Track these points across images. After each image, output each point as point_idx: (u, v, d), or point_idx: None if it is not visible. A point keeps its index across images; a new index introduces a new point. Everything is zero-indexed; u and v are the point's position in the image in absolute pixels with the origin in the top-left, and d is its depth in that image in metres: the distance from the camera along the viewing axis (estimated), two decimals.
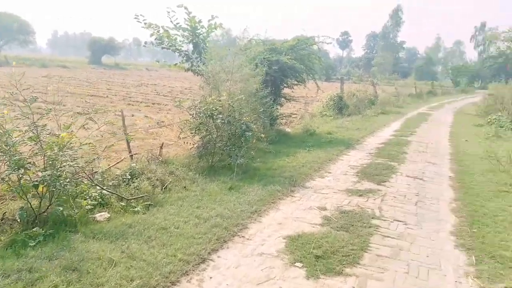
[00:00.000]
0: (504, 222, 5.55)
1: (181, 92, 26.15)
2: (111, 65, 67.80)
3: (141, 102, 19.73)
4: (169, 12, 9.98)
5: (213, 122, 7.45)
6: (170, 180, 6.40)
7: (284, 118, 12.83)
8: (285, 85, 12.28)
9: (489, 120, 17.91)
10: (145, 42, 10.75)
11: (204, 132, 7.69)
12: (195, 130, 7.63)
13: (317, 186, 6.91)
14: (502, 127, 16.76)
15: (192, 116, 7.61)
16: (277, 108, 12.18)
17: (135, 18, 10.12)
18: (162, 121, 13.92)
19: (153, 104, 19.15)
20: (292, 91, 12.97)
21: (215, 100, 7.54)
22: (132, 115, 15.38)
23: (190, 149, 7.84)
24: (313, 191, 6.62)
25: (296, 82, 12.34)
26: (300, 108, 18.04)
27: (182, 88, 28.85)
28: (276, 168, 7.78)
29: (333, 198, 6.28)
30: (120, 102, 19.45)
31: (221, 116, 7.35)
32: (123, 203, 5.44)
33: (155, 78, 42.71)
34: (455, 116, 21.39)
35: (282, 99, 12.46)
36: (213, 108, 7.36)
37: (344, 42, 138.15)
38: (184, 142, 7.84)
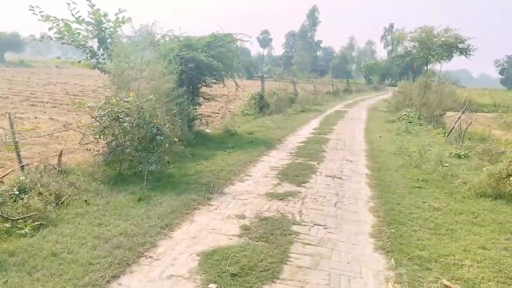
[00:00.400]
0: (418, 219, 5.61)
1: (93, 91, 24.40)
2: (16, 63, 61.95)
3: (47, 103, 17.98)
4: (69, 4, 8.97)
5: (120, 125, 6.73)
6: (68, 193, 5.60)
7: (204, 118, 12.31)
8: (203, 83, 11.78)
9: (399, 116, 18.97)
10: (41, 37, 9.58)
11: (111, 137, 6.94)
12: (99, 135, 6.84)
13: (236, 191, 6.52)
14: (411, 122, 17.83)
15: (96, 120, 6.81)
16: (195, 108, 11.66)
17: (30, 9, 8.96)
18: (70, 124, 12.70)
19: (60, 104, 17.53)
20: (211, 90, 12.50)
21: (121, 101, 6.82)
22: (35, 117, 13.88)
23: (95, 156, 7.03)
24: (232, 197, 6.22)
25: (214, 81, 11.88)
26: (222, 107, 17.61)
27: (96, 87, 26.96)
28: (192, 174, 7.26)
29: (253, 204, 5.94)
30: (23, 103, 17.55)
31: (128, 118, 6.67)
32: (7, 225, 4.60)
33: (66, 76, 39.61)
34: (369, 113, 22.43)
35: (201, 98, 11.94)
36: (119, 110, 6.64)
37: (265, 40, 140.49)
38: (87, 149, 7.01)
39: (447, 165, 9.45)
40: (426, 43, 22.40)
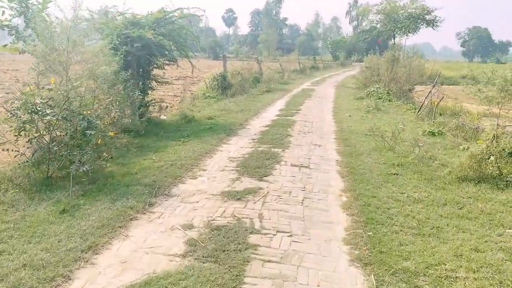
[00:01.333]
0: (398, 216, 4.81)
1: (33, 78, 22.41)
2: None
3: None
4: None
5: (41, 119, 5.56)
6: None
7: (158, 103, 11.13)
8: (154, 65, 10.56)
9: (368, 93, 18.32)
10: None
11: (34, 133, 5.77)
12: (19, 132, 5.65)
13: (186, 191, 5.52)
14: (380, 98, 17.22)
15: (11, 113, 5.60)
16: (147, 93, 10.47)
17: None
18: None
19: None
20: (164, 72, 11.31)
21: (42, 90, 5.62)
22: None
23: (15, 157, 5.84)
24: (180, 199, 5.22)
25: (167, 62, 10.68)
26: (185, 90, 16.34)
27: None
28: (137, 172, 6.19)
29: (205, 208, 4.97)
30: None
31: (51, 111, 5.50)
32: None
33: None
34: (337, 90, 21.71)
35: (153, 82, 10.73)
36: (39, 101, 5.46)
37: (230, 19, 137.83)
38: (3, 149, 5.79)
39: (421, 144, 8.79)
40: (392, 15, 21.71)
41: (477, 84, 8.19)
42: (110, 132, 6.07)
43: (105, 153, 6.25)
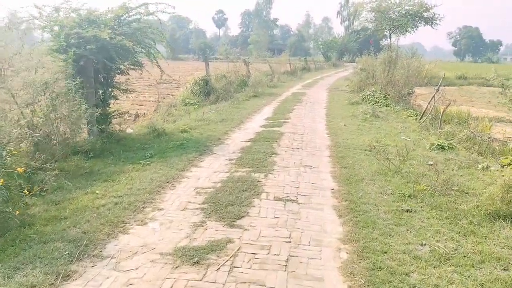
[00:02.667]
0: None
1: None
2: None
3: None
4: None
5: None
6: None
7: (121, 115, 9.58)
8: (117, 71, 9.03)
9: (363, 97, 16.91)
10: None
11: None
12: None
13: (126, 249, 3.98)
14: (377, 103, 15.85)
15: None
16: (108, 104, 8.94)
17: None
18: None
19: None
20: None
21: None
22: None
23: None
24: (114, 265, 3.68)
25: (132, 66, 9.16)
26: (160, 96, 14.77)
27: None
28: (67, 216, 4.64)
29: (143, 281, 3.44)
30: None
31: None
32: None
33: None
34: (330, 94, 20.27)
35: (117, 90, 9.19)
36: None
37: (220, 20, 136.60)
38: None
39: (431, 163, 7.37)
40: (388, 12, 20.33)
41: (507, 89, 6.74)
42: (18, 168, 4.49)
43: (26, 190, 4.70)
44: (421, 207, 5.14)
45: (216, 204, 5.05)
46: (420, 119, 12.43)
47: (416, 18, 20.22)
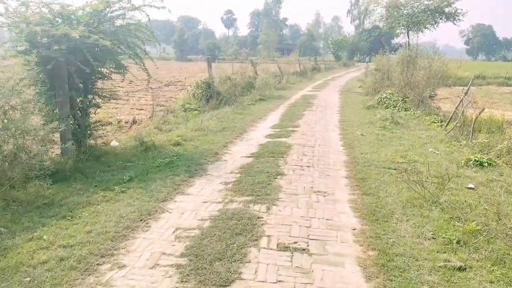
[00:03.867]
0: None
1: None
2: None
3: None
4: None
5: None
6: None
7: (102, 126, 8.34)
8: (98, 75, 7.78)
9: (379, 100, 15.49)
10: None
11: None
12: None
13: None
14: (395, 107, 14.42)
15: None
16: (87, 114, 7.70)
17: None
18: None
19: None
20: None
21: None
22: None
23: None
24: None
25: (115, 70, 7.90)
26: (155, 101, 13.52)
27: None
28: None
29: None
30: None
31: None
32: None
33: None
34: (342, 97, 18.85)
35: (95, 97, 7.93)
36: None
37: (229, 20, 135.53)
38: None
39: (473, 186, 6.01)
40: (405, 8, 18.84)
41: None
42: None
43: None
44: (478, 261, 3.78)
45: (199, 258, 3.73)
46: (446, 126, 11.01)
47: (437, 14, 18.69)
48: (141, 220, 4.57)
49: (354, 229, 4.48)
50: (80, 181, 5.94)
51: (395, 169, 6.83)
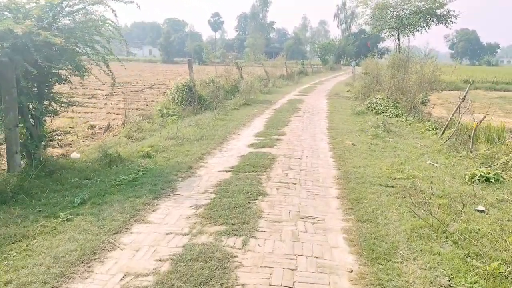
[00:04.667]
0: None
1: None
2: None
3: None
4: None
5: None
6: None
7: (58, 136, 7.32)
8: (55, 78, 6.79)
9: (369, 105, 14.74)
10: None
11: None
12: None
13: None
14: (385, 112, 13.66)
15: None
16: (42, 122, 6.69)
17: None
18: None
19: None
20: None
21: None
22: None
23: None
24: None
25: (74, 71, 6.90)
26: (127, 107, 12.47)
27: None
28: None
29: None
30: None
31: None
32: None
33: None
34: (330, 101, 18.06)
35: (52, 103, 6.92)
36: None
37: (216, 23, 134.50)
38: None
39: (483, 209, 5.21)
40: (396, 9, 18.17)
41: None
42: None
43: None
44: None
45: None
46: (441, 134, 10.25)
47: (428, 16, 18.03)
48: (82, 262, 3.59)
49: (350, 272, 3.59)
50: (22, 204, 4.95)
51: (392, 187, 6.00)
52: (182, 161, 7.10)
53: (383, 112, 13.66)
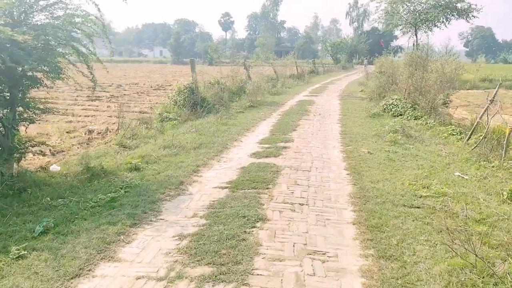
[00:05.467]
0: None
1: None
2: None
3: None
4: None
5: None
6: None
7: (33, 148, 6.48)
8: (29, 81, 5.96)
9: (384, 107, 13.70)
10: None
11: None
12: None
13: None
14: (402, 114, 12.63)
15: None
16: (14, 131, 5.87)
17: None
18: None
19: None
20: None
21: None
22: None
23: None
24: None
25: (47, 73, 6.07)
26: (120, 113, 11.63)
27: None
28: None
29: None
30: None
31: None
32: None
33: None
34: (343, 102, 17.04)
35: (27, 110, 6.11)
36: None
37: (226, 23, 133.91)
38: None
39: None
40: (413, 3, 17.04)
41: None
42: None
43: None
44: None
45: None
46: (467, 139, 9.20)
47: (448, 10, 16.87)
48: None
49: None
50: None
51: (419, 208, 5.04)
52: (173, 175, 6.21)
53: (400, 115, 12.62)
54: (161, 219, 4.62)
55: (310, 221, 4.59)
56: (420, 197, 5.40)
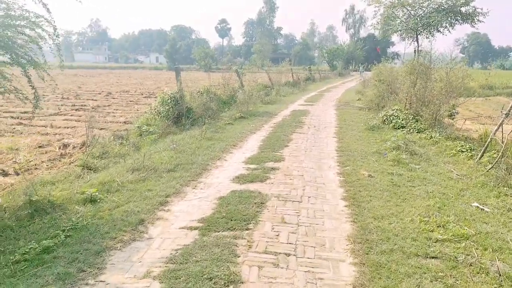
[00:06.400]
0: None
1: None
2: None
3: None
4: None
5: None
6: None
7: None
8: None
9: (384, 118, 12.67)
10: None
11: None
12: None
13: None
14: (404, 127, 11.61)
15: None
16: None
17: None
18: None
19: None
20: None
21: None
22: None
23: None
24: None
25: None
26: (89, 127, 10.51)
27: None
28: None
29: None
30: None
31: None
32: None
33: None
34: (339, 112, 15.98)
35: None
36: None
37: (223, 30, 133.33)
38: None
39: None
40: (413, 8, 16.10)
41: None
42: None
43: None
44: None
45: None
46: (479, 158, 8.16)
47: (451, 14, 15.91)
48: None
49: None
50: None
51: (436, 258, 3.96)
52: (133, 210, 5.10)
53: (402, 127, 11.60)
54: (101, 281, 3.51)
55: (297, 284, 3.49)
56: (436, 242, 4.32)
